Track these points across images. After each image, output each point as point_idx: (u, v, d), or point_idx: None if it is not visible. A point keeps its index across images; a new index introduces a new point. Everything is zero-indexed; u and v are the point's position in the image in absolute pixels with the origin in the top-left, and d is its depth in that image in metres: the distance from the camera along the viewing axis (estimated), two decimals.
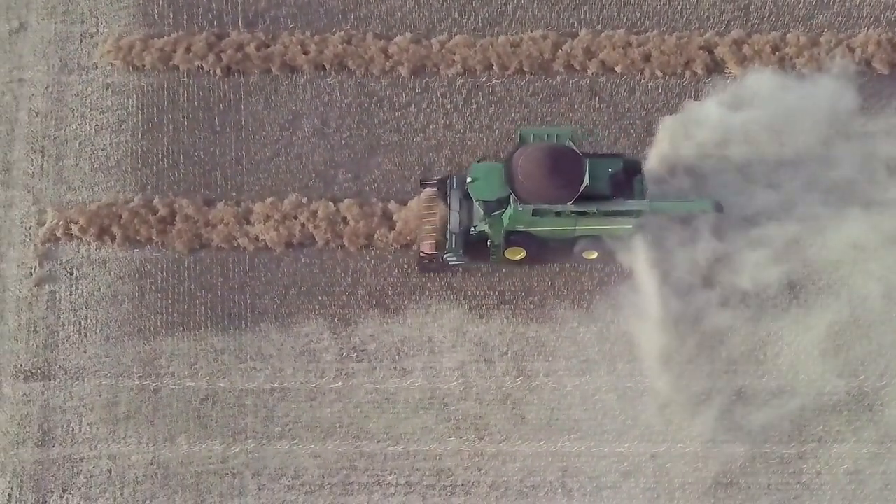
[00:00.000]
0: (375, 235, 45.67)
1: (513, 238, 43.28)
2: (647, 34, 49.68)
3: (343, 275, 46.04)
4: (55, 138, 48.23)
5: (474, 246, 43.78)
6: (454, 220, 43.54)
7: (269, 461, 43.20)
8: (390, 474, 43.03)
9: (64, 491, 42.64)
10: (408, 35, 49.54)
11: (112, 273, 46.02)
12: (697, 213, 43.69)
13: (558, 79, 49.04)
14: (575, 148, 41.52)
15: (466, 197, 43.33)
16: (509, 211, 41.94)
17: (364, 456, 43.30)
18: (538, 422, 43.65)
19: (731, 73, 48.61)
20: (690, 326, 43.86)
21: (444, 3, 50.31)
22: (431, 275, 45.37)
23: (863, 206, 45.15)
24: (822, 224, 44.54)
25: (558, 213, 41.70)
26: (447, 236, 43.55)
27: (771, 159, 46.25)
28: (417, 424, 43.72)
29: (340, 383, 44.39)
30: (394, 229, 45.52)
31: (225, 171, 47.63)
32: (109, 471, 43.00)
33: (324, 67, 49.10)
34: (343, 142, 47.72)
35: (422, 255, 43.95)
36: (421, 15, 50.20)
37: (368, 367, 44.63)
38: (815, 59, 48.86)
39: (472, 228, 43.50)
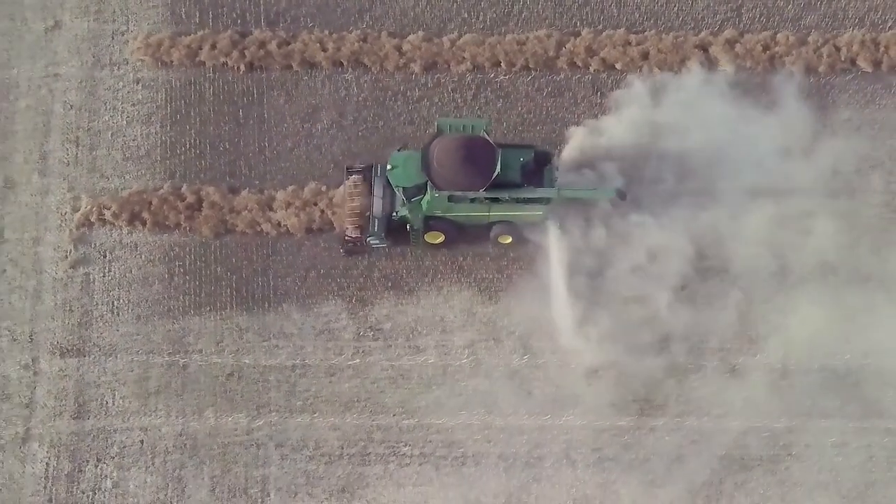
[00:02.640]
0: None
1: (431, 223, 43.68)
2: (646, 33, 49.69)
3: (358, 259, 45.85)
4: (88, 129, 48.13)
5: (396, 230, 44.21)
6: (377, 206, 43.85)
7: (291, 433, 43.22)
8: (405, 446, 43.08)
9: (98, 460, 42.59)
10: (420, 34, 49.48)
11: (143, 256, 45.96)
12: (602, 200, 44.07)
13: (562, 75, 49.00)
14: (488, 138, 41.99)
15: (389, 184, 43.55)
16: (427, 197, 42.36)
17: (380, 428, 43.30)
18: (544, 397, 43.69)
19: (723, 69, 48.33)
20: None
21: (455, 4, 50.25)
22: (359, 257, 46.16)
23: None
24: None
25: (472, 200, 42.22)
26: (370, 221, 43.71)
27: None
28: (430, 399, 43.75)
29: (358, 360, 44.34)
30: None
31: (248, 161, 47.53)
32: (141, 441, 42.93)
33: (341, 64, 49.01)
34: (359, 133, 47.75)
35: (346, 238, 44.33)
36: (432, 15, 50.17)
37: (384, 345, 44.66)
38: (802, 57, 48.61)
39: (394, 213, 43.79)
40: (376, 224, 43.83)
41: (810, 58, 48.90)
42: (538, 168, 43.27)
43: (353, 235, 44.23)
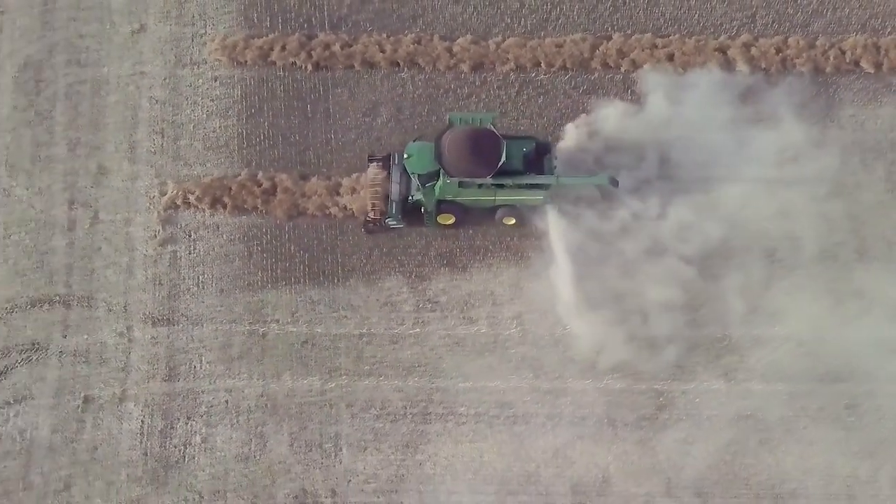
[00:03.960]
0: None
1: (443, 206, 43.56)
2: (670, 37, 49.05)
3: (418, 238, 45.46)
4: (172, 122, 47.58)
5: (411, 212, 44.14)
6: (395, 191, 43.73)
7: (360, 394, 42.73)
8: (461, 406, 42.52)
9: (188, 418, 42.16)
10: (468, 37, 48.89)
11: (224, 236, 45.39)
12: (597, 186, 43.84)
13: (596, 75, 48.37)
14: (495, 130, 42.02)
15: (406, 171, 43.59)
16: (439, 183, 42.38)
17: (439, 390, 42.74)
18: (585, 363, 43.09)
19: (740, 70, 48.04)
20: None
21: (498, 11, 49.66)
22: (379, 237, 45.88)
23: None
24: None
25: (480, 186, 42.15)
26: (389, 204, 43.57)
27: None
28: (483, 364, 43.17)
29: (418, 329, 43.78)
30: None
31: (317, 151, 46.97)
32: (226, 401, 42.40)
33: (398, 64, 48.39)
34: (415, 127, 46.93)
35: (367, 219, 44.17)
36: (479, 20, 49.59)
37: (440, 316, 44.04)
38: (811, 59, 48.22)
39: (410, 197, 43.76)
40: (394, 207, 43.80)
41: (818, 60, 48.36)
42: (539, 157, 43.41)
43: (374, 216, 44.05)
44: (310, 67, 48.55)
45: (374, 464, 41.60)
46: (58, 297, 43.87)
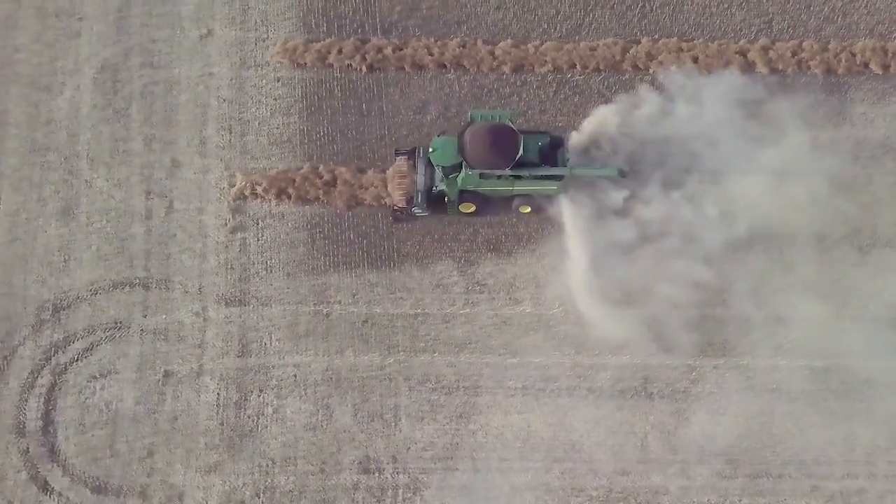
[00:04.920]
0: None
1: (465, 195, 42.98)
2: (695, 41, 48.19)
3: (466, 226, 44.61)
4: (239, 119, 46.72)
5: (435, 201, 43.45)
6: (420, 181, 43.08)
7: (416, 369, 42.02)
8: (509, 380, 41.85)
9: (260, 391, 41.59)
10: (509, 41, 48.01)
11: (289, 224, 44.62)
12: (607, 177, 43.33)
13: (626, 75, 47.57)
14: (512, 126, 41.50)
15: (430, 163, 42.99)
16: (461, 174, 41.81)
17: (489, 366, 42.06)
18: (622, 341, 42.13)
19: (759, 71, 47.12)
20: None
21: (536, 17, 48.84)
22: (405, 225, 45.17)
23: None
24: None
25: (499, 177, 41.68)
26: (415, 194, 43.02)
27: None
28: (528, 342, 42.47)
29: (468, 310, 43.09)
30: None
31: (372, 146, 46.11)
32: (294, 375, 41.80)
33: (445, 66, 47.52)
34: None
35: (395, 208, 43.48)
36: (518, 26, 48.68)
37: (488, 297, 43.39)
38: (824, 61, 47.45)
39: (434, 188, 43.10)
40: (420, 196, 43.13)
41: (830, 62, 47.49)
42: (553, 150, 42.74)
43: (401, 206, 43.35)
44: (364, 69, 47.67)
45: (431, 433, 40.70)
46: (138, 280, 43.11)
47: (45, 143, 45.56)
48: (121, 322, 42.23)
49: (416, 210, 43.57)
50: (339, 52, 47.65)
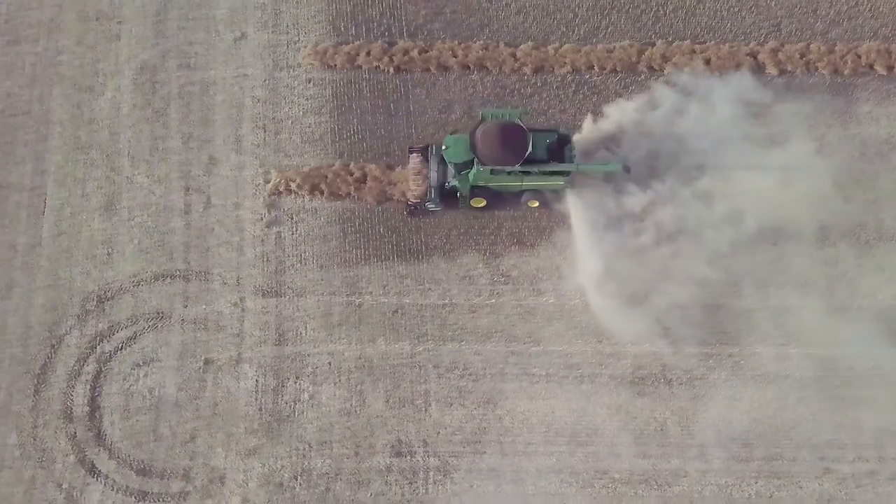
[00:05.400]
0: None
1: (476, 191, 42.58)
2: (707, 44, 47.72)
3: (490, 220, 44.14)
4: (273, 118, 46.19)
5: (448, 196, 43.05)
6: (433, 177, 42.65)
7: (445, 357, 41.55)
8: (534, 367, 41.38)
9: (297, 378, 41.12)
10: (529, 43, 47.54)
11: (322, 218, 44.11)
12: (612, 173, 43.07)
13: (642, 76, 47.03)
14: (522, 124, 41.02)
15: (443, 160, 42.59)
16: (473, 170, 41.38)
17: (514, 354, 41.59)
18: (642, 330, 41.61)
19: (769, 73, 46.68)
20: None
21: (555, 20, 48.34)
22: (419, 218, 44.56)
23: None
24: None
25: (509, 173, 41.16)
26: (428, 189, 42.57)
27: None
28: (552, 331, 42.03)
29: (493, 300, 42.58)
30: None
31: (400, 144, 45.47)
32: (329, 363, 41.31)
33: (468, 67, 47.00)
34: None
35: (409, 203, 42.98)
36: (538, 29, 48.22)
37: (513, 288, 42.89)
38: (831, 62, 46.95)
39: (447, 183, 42.67)
40: (433, 192, 42.69)
41: (837, 63, 46.95)
42: (560, 147, 42.21)
43: (415, 201, 42.82)
44: (391, 70, 47.12)
45: (460, 418, 40.26)
46: (178, 272, 42.62)
47: (88, 141, 44.97)
48: (162, 312, 41.66)
49: (430, 205, 43.14)
50: (368, 54, 47.15)
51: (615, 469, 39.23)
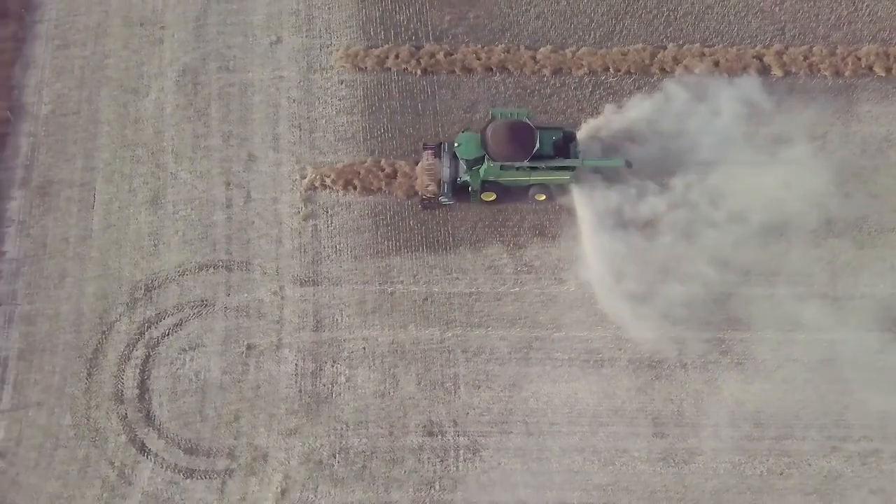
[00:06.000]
0: None
1: (486, 185, 42.14)
2: (716, 47, 46.98)
3: (514, 213, 43.49)
4: (307, 118, 45.48)
5: (460, 190, 42.43)
6: (446, 173, 42.12)
7: (472, 342, 40.84)
8: (556, 352, 40.69)
9: (334, 361, 40.39)
10: (548, 47, 46.86)
11: (355, 212, 43.42)
12: (614, 168, 42.39)
13: (654, 77, 46.32)
14: (529, 123, 40.56)
15: (455, 156, 42.03)
16: (484, 166, 41.05)
17: (537, 339, 40.89)
18: (659, 316, 40.77)
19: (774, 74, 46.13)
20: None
21: (572, 25, 47.69)
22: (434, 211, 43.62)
23: None
24: None
25: (517, 168, 40.90)
26: (441, 184, 41.85)
27: None
28: (573, 317, 41.30)
29: (517, 289, 41.89)
30: None
31: (427, 142, 44.48)
32: (363, 348, 40.65)
33: (491, 69, 46.34)
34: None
35: (423, 197, 42.27)
36: (556, 33, 47.57)
37: (535, 277, 42.20)
38: (832, 64, 46.17)
39: (459, 178, 42.14)
40: (446, 186, 42.12)
41: (838, 65, 46.33)
42: (565, 144, 41.73)
43: (430, 195, 42.11)
44: (419, 72, 46.42)
45: (487, 399, 39.59)
46: (220, 263, 41.93)
47: (134, 140, 44.22)
48: (206, 300, 40.97)
49: (443, 199, 42.42)
50: (396, 56, 46.46)
51: (635, 448, 38.66)
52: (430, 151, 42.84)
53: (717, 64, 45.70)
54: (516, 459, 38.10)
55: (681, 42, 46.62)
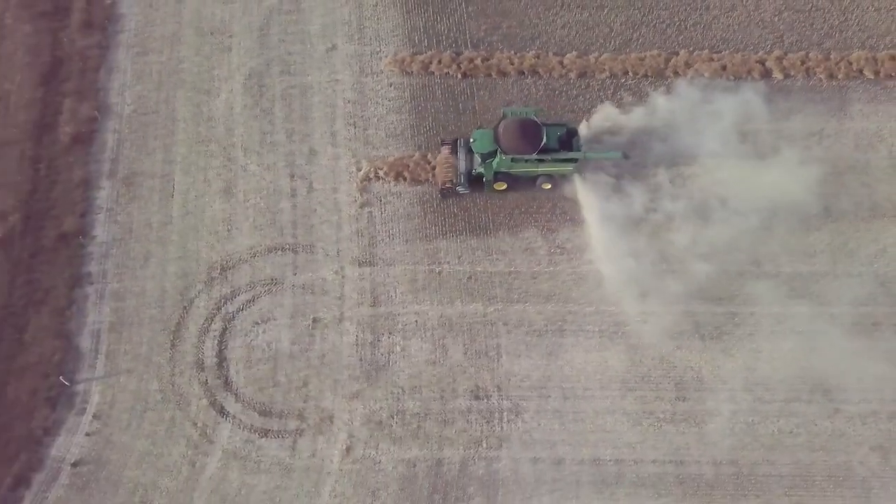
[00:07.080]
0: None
1: (498, 176, 41.04)
2: (723, 53, 45.57)
3: (546, 200, 42.16)
4: (361, 116, 44.11)
5: (474, 181, 41.30)
6: (462, 165, 41.11)
7: (512, 316, 39.81)
8: (588, 325, 39.71)
9: (390, 333, 39.40)
10: (574, 53, 45.48)
11: (405, 201, 42.24)
12: (613, 160, 41.42)
13: (669, 80, 44.72)
14: (537, 120, 39.58)
15: (470, 150, 41.07)
16: (496, 159, 40.10)
17: (570, 313, 39.85)
18: (679, 291, 39.71)
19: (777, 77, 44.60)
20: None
21: (594, 34, 46.17)
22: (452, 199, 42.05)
23: None
24: None
25: (526, 160, 39.82)
26: (457, 175, 40.70)
27: None
28: (602, 294, 40.19)
29: (551, 268, 40.78)
30: None
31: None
32: (416, 321, 39.63)
33: (523, 73, 44.92)
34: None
35: (442, 187, 41.06)
36: (580, 40, 46.06)
37: (567, 258, 41.08)
38: (827, 68, 44.75)
39: (473, 170, 41.06)
40: (462, 177, 41.14)
41: (832, 69, 44.91)
42: (569, 138, 40.78)
43: (447, 185, 40.82)
44: (459, 76, 45.00)
45: (527, 367, 38.52)
46: (287, 246, 40.62)
47: (207, 136, 42.82)
48: (275, 279, 39.73)
49: (460, 188, 41.31)
50: (439, 62, 45.08)
51: (660, 410, 37.64)
52: (447, 146, 41.43)
53: (724, 68, 44.35)
54: (554, 420, 37.03)
55: (691, 49, 45.18)
